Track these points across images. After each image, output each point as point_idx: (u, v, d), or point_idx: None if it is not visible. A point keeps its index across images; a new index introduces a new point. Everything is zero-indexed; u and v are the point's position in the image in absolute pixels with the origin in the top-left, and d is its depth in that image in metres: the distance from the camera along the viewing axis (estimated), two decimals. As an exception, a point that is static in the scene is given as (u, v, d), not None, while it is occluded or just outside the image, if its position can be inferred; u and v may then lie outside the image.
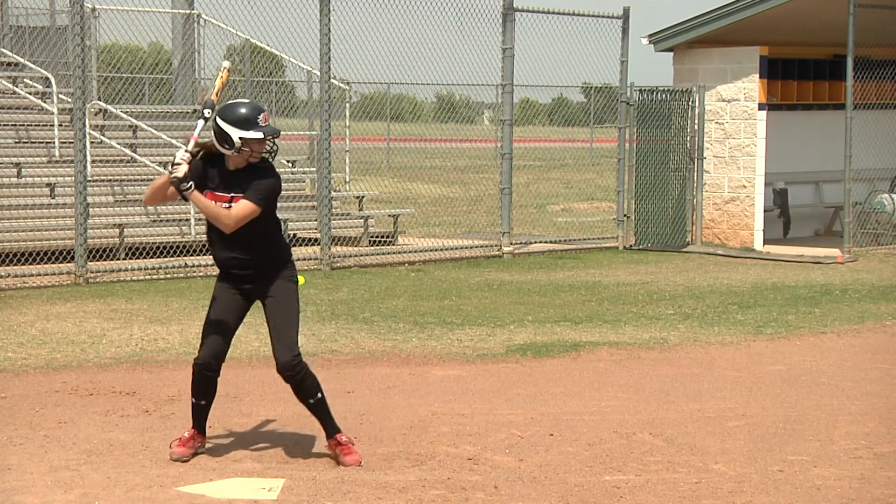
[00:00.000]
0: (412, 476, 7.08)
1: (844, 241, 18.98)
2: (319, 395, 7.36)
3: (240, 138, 7.12)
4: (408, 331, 11.99)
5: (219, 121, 7.16)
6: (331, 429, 7.41)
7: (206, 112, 7.25)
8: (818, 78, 21.39)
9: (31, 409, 8.63)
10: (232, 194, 7.18)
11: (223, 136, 7.15)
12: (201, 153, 7.28)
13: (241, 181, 7.18)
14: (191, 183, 7.10)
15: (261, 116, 7.16)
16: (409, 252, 18.03)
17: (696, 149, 20.18)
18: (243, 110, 7.15)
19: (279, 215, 7.61)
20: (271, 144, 7.28)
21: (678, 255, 19.30)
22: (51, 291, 14.24)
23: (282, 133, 7.41)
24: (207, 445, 7.56)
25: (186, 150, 7.14)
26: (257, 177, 7.20)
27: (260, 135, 7.14)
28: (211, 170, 7.24)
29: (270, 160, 7.32)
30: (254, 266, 7.29)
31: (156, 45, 23.87)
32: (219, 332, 7.37)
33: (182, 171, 7.08)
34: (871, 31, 19.01)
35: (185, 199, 7.15)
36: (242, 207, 7.14)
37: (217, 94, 7.32)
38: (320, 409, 7.38)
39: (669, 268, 17.59)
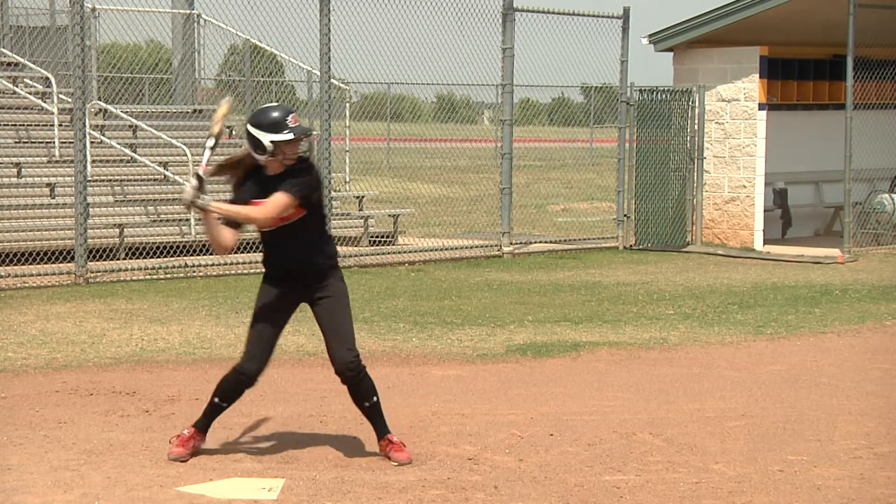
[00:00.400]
0: (412, 476, 7.08)
1: (844, 241, 18.98)
2: (375, 398, 7.38)
3: (271, 142, 7.12)
4: (408, 331, 11.99)
5: (249, 128, 7.18)
6: (383, 430, 7.42)
7: (209, 142, 7.23)
8: (818, 78, 21.39)
9: (31, 409, 8.63)
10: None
11: (255, 143, 7.16)
12: (241, 168, 7.29)
13: (279, 185, 7.17)
14: (203, 197, 7.09)
15: (290, 118, 7.17)
16: (409, 252, 18.03)
17: (696, 149, 20.18)
18: (273, 114, 7.17)
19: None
20: (305, 145, 7.29)
21: (678, 255, 19.30)
22: (51, 291, 14.24)
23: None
24: (207, 445, 7.55)
25: (194, 176, 7.13)
26: (293, 176, 7.20)
27: (290, 136, 7.14)
28: (250, 182, 7.25)
29: (308, 159, 7.33)
30: (308, 266, 7.26)
31: (155, 44, 23.87)
32: (265, 339, 7.33)
33: (188, 193, 7.06)
34: (871, 31, 19.01)
35: (207, 211, 7.10)
36: (274, 200, 7.10)
37: (217, 126, 7.32)
38: (375, 412, 7.40)
39: (669, 268, 17.59)
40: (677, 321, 12.84)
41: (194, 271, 15.76)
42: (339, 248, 7.17)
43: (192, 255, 16.68)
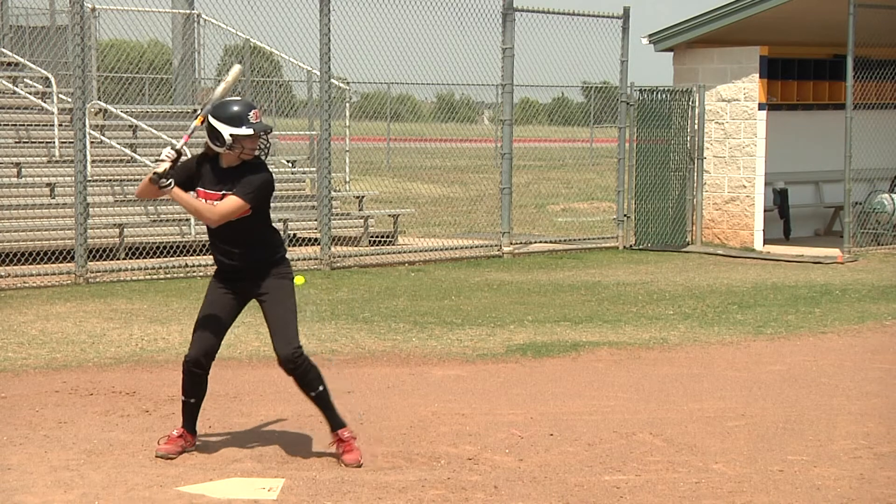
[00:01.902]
0: (412, 476, 7.08)
1: (844, 241, 18.98)
2: (321, 387, 7.38)
3: (230, 135, 7.13)
4: (408, 331, 11.99)
5: (210, 118, 7.17)
6: (334, 423, 7.41)
7: (207, 108, 7.26)
8: (818, 78, 21.39)
9: (31, 409, 8.63)
10: (223, 192, 7.18)
11: (214, 134, 7.17)
12: (202, 153, 7.30)
13: (232, 178, 7.19)
14: (170, 180, 7.10)
15: (251, 113, 7.16)
16: (409, 252, 18.03)
17: (696, 149, 20.19)
18: (234, 108, 7.17)
19: (280, 214, 7.62)
20: (264, 142, 7.28)
21: (678, 255, 19.30)
22: (51, 291, 14.24)
23: (282, 133, 7.44)
24: (208, 445, 7.55)
25: (172, 148, 7.16)
26: (249, 173, 7.20)
27: (251, 131, 7.14)
28: (204, 168, 7.25)
29: (263, 158, 7.32)
30: (246, 263, 7.30)
31: (156, 43, 23.87)
32: (209, 329, 7.40)
33: (163, 167, 7.10)
34: (871, 31, 19.01)
35: (165, 195, 7.14)
36: (229, 203, 7.15)
37: (222, 91, 7.33)
38: (323, 402, 7.40)
39: (669, 268, 17.59)
40: (677, 321, 12.84)
41: (194, 271, 15.76)
42: (339, 249, 7.26)
43: (192, 255, 16.68)
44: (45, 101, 18.45)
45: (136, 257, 16.49)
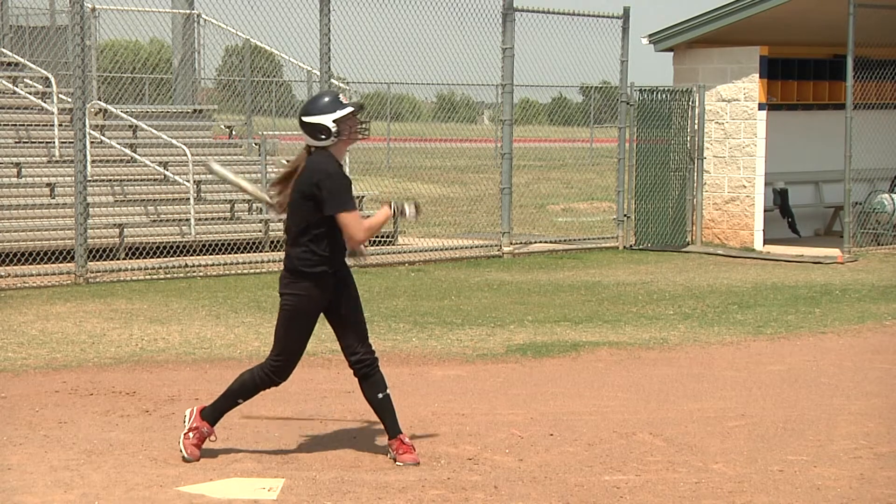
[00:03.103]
0: (412, 476, 7.08)
1: (844, 241, 18.98)
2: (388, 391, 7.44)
3: (333, 121, 7.14)
4: (408, 331, 11.99)
5: (305, 119, 7.19)
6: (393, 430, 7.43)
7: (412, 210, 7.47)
8: (818, 78, 21.39)
9: (31, 409, 8.63)
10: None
11: (316, 129, 7.15)
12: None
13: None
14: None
15: (341, 96, 7.25)
16: (409, 252, 18.04)
17: (696, 149, 20.19)
18: (324, 98, 7.23)
19: (280, 214, 7.63)
20: (363, 119, 7.31)
21: (678, 255, 19.30)
22: (51, 291, 14.24)
23: (282, 133, 7.49)
24: (208, 445, 7.55)
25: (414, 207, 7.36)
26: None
27: (350, 109, 7.18)
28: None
29: (366, 135, 7.37)
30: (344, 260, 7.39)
31: (157, 42, 23.86)
32: (303, 348, 7.40)
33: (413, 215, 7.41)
34: (871, 31, 19.01)
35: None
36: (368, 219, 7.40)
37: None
38: (386, 407, 7.43)
39: (669, 268, 17.59)
40: (677, 321, 12.84)
41: (194, 271, 15.77)
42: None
43: (192, 255, 16.68)
44: (45, 101, 18.45)
45: (136, 257, 16.49)
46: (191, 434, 7.37)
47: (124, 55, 22.68)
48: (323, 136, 7.16)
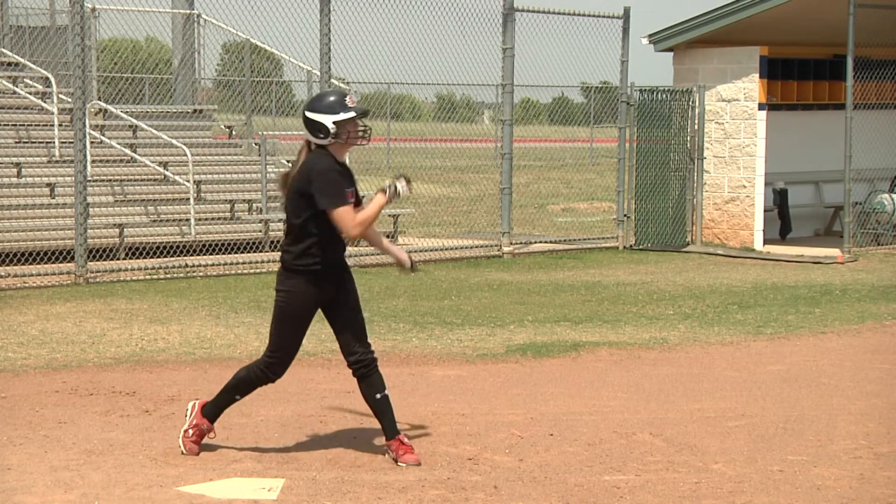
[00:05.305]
0: (412, 476, 7.08)
1: (844, 241, 18.99)
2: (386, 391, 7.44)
3: (333, 123, 7.16)
4: (408, 331, 11.99)
5: (308, 114, 7.21)
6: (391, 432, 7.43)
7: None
8: (818, 78, 21.39)
9: (31, 409, 8.63)
10: (353, 188, 7.35)
11: (316, 127, 7.18)
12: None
13: (351, 175, 7.36)
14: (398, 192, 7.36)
15: (347, 99, 7.24)
16: (410, 252, 17.98)
17: (696, 149, 20.19)
18: (330, 97, 7.25)
19: (280, 214, 7.65)
20: (364, 125, 7.32)
21: (678, 255, 19.30)
22: (51, 291, 14.24)
23: (282, 133, 7.49)
24: (208, 445, 7.55)
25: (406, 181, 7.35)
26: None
27: (352, 114, 7.20)
28: (344, 173, 7.32)
29: (366, 142, 7.39)
30: (342, 257, 7.40)
31: (155, 41, 23.85)
32: (297, 344, 7.40)
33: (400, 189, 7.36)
34: (871, 31, 19.01)
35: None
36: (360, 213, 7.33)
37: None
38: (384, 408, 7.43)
39: (669, 268, 17.59)
40: (677, 321, 12.84)
41: (194, 271, 15.77)
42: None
43: (192, 255, 16.68)
44: (45, 101, 18.45)
45: (136, 257, 16.49)
46: (190, 431, 7.42)
47: (124, 55, 22.68)
48: (321, 135, 7.19)
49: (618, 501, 6.74)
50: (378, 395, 7.37)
